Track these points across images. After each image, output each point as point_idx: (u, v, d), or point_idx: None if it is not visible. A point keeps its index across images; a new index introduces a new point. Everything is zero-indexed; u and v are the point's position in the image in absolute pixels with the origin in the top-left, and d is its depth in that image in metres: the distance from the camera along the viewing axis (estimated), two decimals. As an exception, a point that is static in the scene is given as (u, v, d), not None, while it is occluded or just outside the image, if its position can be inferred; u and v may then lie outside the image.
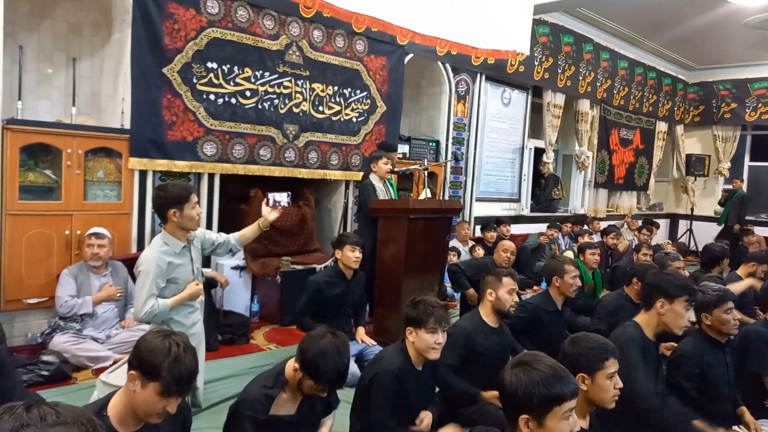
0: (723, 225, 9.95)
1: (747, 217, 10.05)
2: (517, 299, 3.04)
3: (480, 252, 6.40)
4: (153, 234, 4.35)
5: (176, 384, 1.66)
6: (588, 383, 1.92)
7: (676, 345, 3.15)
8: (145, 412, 1.70)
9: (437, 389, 2.85)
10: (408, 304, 2.45)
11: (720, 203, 10.37)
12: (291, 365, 2.16)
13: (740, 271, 4.79)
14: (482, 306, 3.05)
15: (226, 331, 4.39)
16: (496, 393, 2.75)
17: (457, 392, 2.85)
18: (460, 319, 3.25)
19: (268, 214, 3.21)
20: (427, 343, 2.36)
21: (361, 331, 4.03)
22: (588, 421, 1.98)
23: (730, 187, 10.39)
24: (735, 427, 2.83)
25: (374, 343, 3.99)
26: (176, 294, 2.83)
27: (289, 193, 3.28)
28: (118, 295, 3.92)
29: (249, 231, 3.25)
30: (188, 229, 2.86)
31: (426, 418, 2.56)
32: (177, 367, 1.66)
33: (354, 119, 5.82)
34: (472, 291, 4.55)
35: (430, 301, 2.41)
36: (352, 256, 3.90)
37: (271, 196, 3.23)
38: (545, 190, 9.07)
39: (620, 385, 1.96)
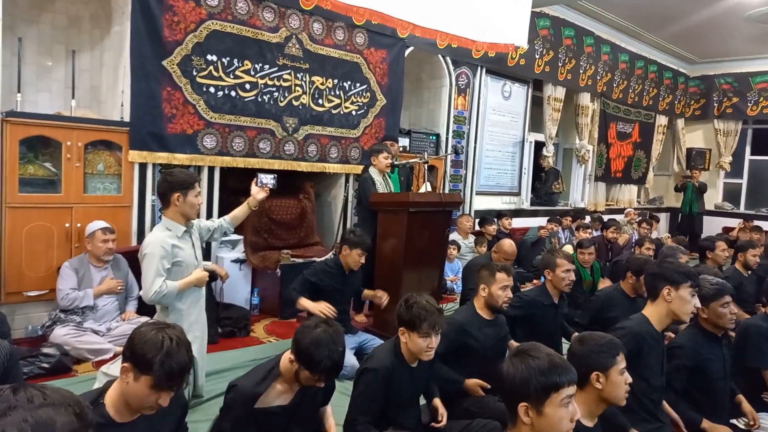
0: (687, 212, 10.45)
1: (747, 212, 10.98)
2: (510, 295, 3.00)
3: (483, 248, 6.39)
4: (153, 227, 4.36)
5: (168, 378, 1.64)
6: (603, 381, 1.90)
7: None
8: (138, 404, 1.69)
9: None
10: (401, 304, 2.40)
11: (677, 189, 10.83)
12: (287, 356, 2.17)
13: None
14: (476, 299, 3.05)
15: (227, 324, 4.40)
16: (478, 381, 2.80)
17: (442, 379, 2.85)
18: (456, 312, 3.25)
19: (257, 193, 3.26)
20: (419, 346, 2.34)
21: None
22: (594, 422, 1.96)
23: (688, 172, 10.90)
24: (733, 420, 2.84)
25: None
26: (181, 278, 2.85)
27: (275, 175, 3.34)
28: (119, 288, 3.94)
29: (239, 211, 3.29)
30: (188, 216, 2.91)
31: (440, 408, 2.62)
32: (169, 361, 1.64)
33: (354, 112, 5.81)
34: None
35: (423, 304, 2.34)
36: (358, 259, 3.87)
37: (259, 176, 3.29)
38: (545, 183, 9.06)
39: (630, 380, 1.95)
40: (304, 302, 3.75)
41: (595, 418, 1.96)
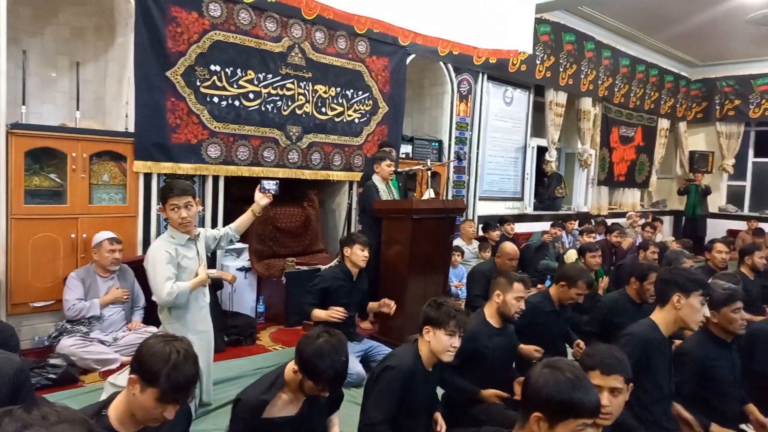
0: (691, 215, 10.63)
1: (751, 214, 10.94)
2: (523, 306, 3.03)
3: (487, 254, 6.38)
4: (159, 236, 4.37)
5: (173, 391, 1.65)
6: None
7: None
8: (144, 416, 1.69)
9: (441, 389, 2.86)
10: (430, 303, 2.47)
11: (680, 192, 11.02)
12: (291, 367, 2.17)
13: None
14: (488, 306, 3.06)
15: (232, 333, 4.40)
16: (495, 391, 2.79)
17: (457, 390, 2.88)
18: None
19: (260, 200, 3.29)
20: (443, 344, 2.38)
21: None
22: None
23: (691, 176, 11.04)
24: (743, 426, 2.83)
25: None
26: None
27: (277, 181, 3.38)
28: (125, 297, 3.94)
29: (244, 218, 3.34)
30: (174, 226, 2.92)
31: (440, 419, 2.62)
32: (176, 374, 1.64)
33: (356, 120, 5.83)
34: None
35: (452, 304, 2.44)
36: (361, 254, 3.91)
37: (263, 183, 3.34)
38: (548, 188, 9.06)
39: (606, 402, 1.90)
40: (317, 312, 3.79)
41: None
